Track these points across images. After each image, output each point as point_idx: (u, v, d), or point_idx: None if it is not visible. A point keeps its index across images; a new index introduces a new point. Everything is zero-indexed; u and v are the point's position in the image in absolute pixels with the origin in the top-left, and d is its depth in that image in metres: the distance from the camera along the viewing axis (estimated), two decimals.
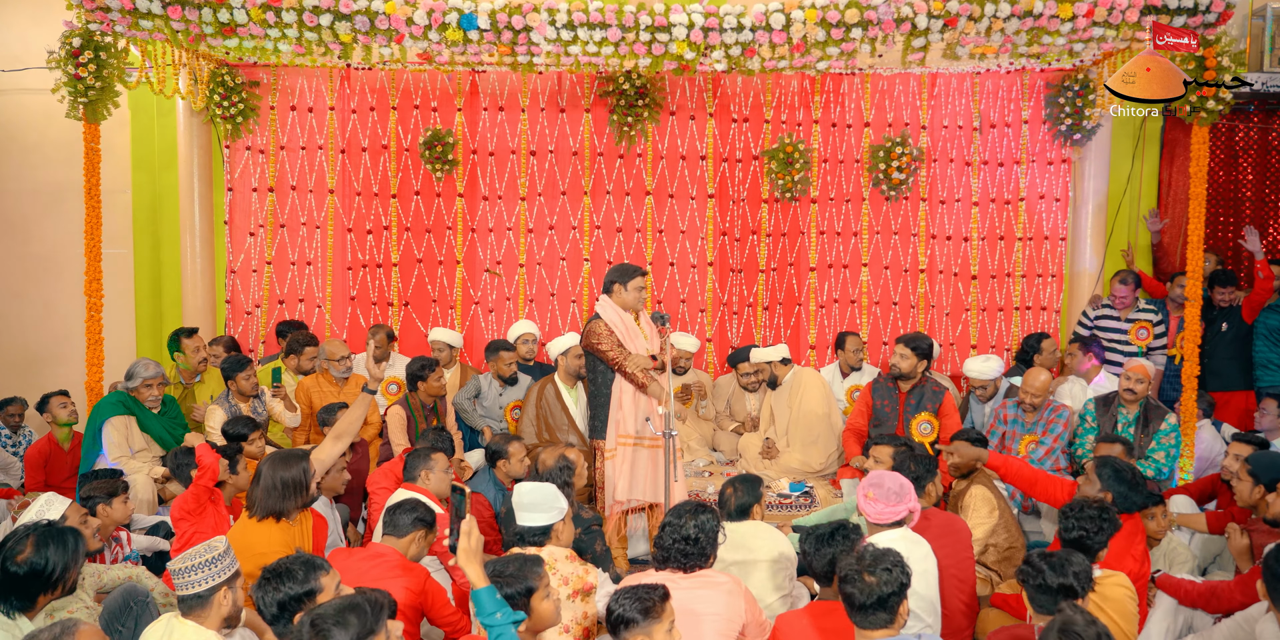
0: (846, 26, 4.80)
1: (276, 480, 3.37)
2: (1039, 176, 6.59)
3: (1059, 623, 2.44)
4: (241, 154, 6.47)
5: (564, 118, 6.57)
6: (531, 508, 3.19)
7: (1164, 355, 6.07)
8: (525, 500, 3.21)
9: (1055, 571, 2.85)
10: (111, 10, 4.75)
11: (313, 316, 6.61)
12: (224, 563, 2.73)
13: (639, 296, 4.73)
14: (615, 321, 4.71)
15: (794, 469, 5.51)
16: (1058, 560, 2.88)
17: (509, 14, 4.80)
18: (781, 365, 5.74)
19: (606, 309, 4.75)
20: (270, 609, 2.61)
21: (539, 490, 3.24)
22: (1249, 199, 6.65)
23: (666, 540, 3.08)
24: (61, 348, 6.68)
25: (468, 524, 2.71)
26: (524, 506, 3.20)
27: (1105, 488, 3.71)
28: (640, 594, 2.58)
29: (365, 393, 3.86)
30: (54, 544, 2.88)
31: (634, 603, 2.56)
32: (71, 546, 2.93)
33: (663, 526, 3.12)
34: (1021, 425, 5.15)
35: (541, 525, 3.20)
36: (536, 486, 3.26)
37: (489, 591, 2.57)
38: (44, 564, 2.85)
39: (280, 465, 3.40)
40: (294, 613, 2.58)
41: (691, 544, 3.06)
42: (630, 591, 2.60)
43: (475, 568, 2.61)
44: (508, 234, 6.71)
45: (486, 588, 2.57)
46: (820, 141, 6.64)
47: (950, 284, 6.74)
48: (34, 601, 2.86)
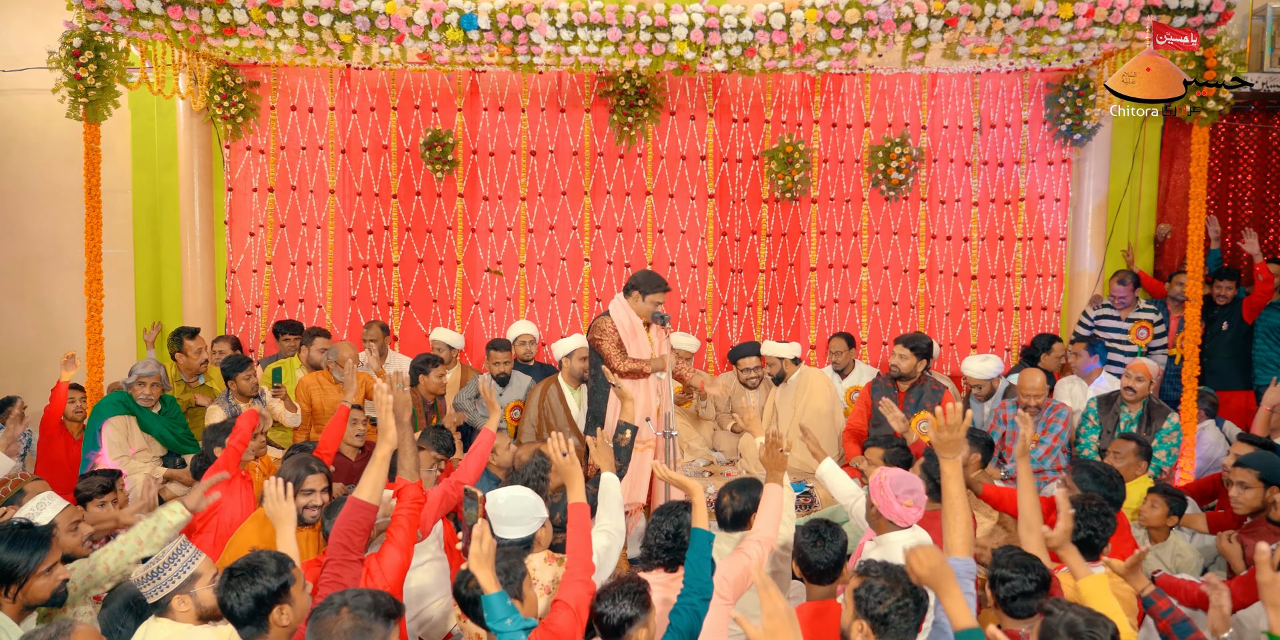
0: (846, 26, 4.80)
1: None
2: (1039, 176, 6.60)
3: (1064, 624, 2.34)
4: (242, 154, 6.47)
5: (564, 118, 6.57)
6: (511, 521, 2.99)
7: (1164, 355, 6.07)
8: (503, 512, 2.99)
9: (1032, 571, 2.77)
10: (112, 10, 4.75)
11: (313, 317, 6.61)
12: (170, 572, 2.67)
13: (653, 310, 4.76)
14: (622, 321, 4.74)
15: (794, 469, 5.51)
16: (1024, 560, 2.80)
17: (509, 14, 4.81)
18: (791, 364, 5.75)
19: (618, 308, 4.80)
20: (246, 605, 2.40)
21: (518, 502, 3.02)
22: (1249, 199, 6.66)
23: (650, 539, 3.07)
24: (61, 348, 6.64)
25: (480, 528, 2.64)
26: (502, 520, 2.98)
27: (1086, 491, 3.68)
28: (626, 590, 2.56)
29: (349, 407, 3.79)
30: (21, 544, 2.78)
31: (628, 599, 2.54)
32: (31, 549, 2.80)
33: (648, 526, 3.09)
34: None
35: (523, 538, 3.01)
36: (513, 496, 3.04)
37: (500, 597, 2.52)
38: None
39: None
40: (269, 609, 2.43)
41: (674, 540, 3.04)
42: (616, 592, 2.56)
43: (488, 573, 2.56)
44: (508, 234, 6.71)
45: (498, 593, 2.52)
46: (820, 141, 6.64)
47: (950, 284, 6.74)
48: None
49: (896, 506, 3.11)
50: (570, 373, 5.48)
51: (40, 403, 6.79)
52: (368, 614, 2.21)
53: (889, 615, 2.36)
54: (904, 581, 2.42)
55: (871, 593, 2.39)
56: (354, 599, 2.24)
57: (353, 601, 2.23)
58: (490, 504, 3.02)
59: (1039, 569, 2.78)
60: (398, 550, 2.94)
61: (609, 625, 2.54)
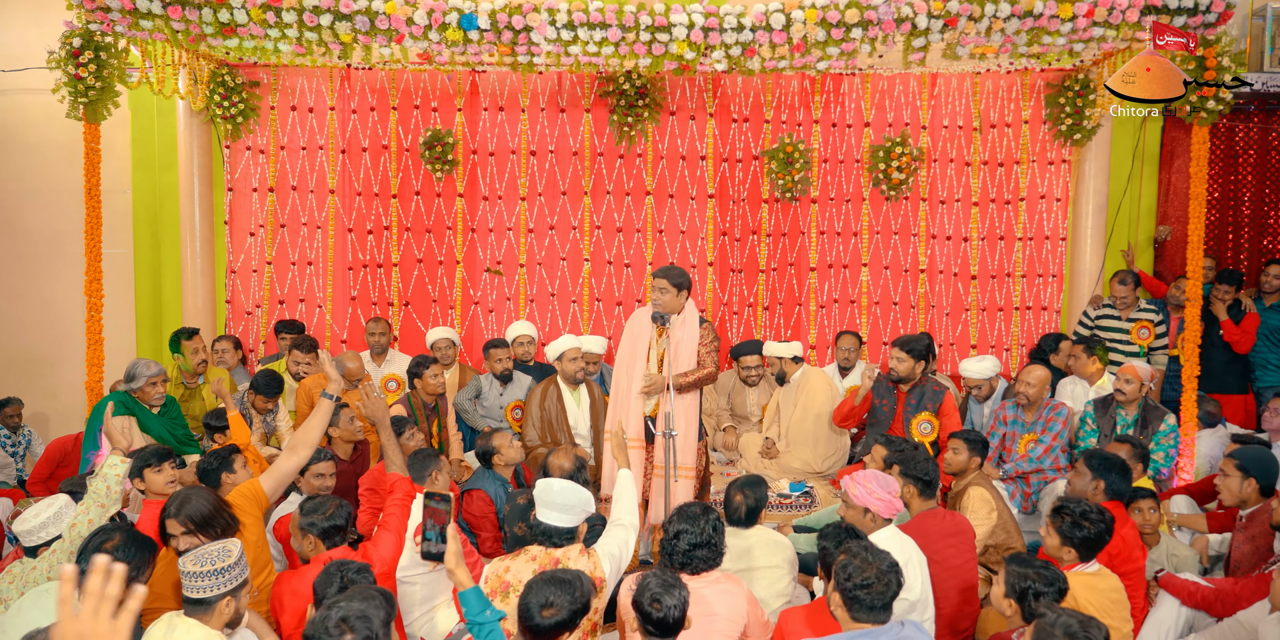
0: (846, 26, 4.80)
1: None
2: (1039, 177, 6.60)
3: (1058, 626, 2.43)
4: (242, 154, 6.47)
5: (564, 118, 6.57)
6: (564, 509, 3.05)
7: (1165, 355, 6.07)
8: (558, 500, 3.04)
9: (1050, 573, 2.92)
10: (111, 10, 4.75)
11: (313, 316, 6.61)
12: (234, 572, 2.72)
13: (657, 297, 4.52)
14: (633, 324, 4.66)
15: (795, 469, 5.51)
16: (1051, 576, 2.92)
17: (509, 14, 4.81)
18: (792, 363, 5.75)
19: (644, 309, 4.69)
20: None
21: (574, 492, 3.07)
22: (1249, 199, 6.66)
23: (683, 545, 3.06)
24: (61, 348, 6.68)
25: (452, 528, 2.73)
26: (555, 506, 3.04)
27: (1096, 476, 3.85)
28: (669, 583, 2.64)
29: (325, 398, 3.62)
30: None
31: (674, 596, 2.61)
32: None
33: (675, 533, 3.08)
34: (1021, 425, 5.15)
35: (569, 527, 3.07)
36: (571, 487, 3.08)
37: (475, 591, 2.62)
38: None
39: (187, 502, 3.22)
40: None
41: (709, 549, 3.07)
42: (660, 589, 2.62)
43: (463, 569, 2.65)
44: (508, 234, 6.71)
45: (473, 588, 2.62)
46: (820, 141, 6.64)
47: (950, 284, 6.74)
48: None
49: (870, 499, 3.42)
50: (564, 374, 5.48)
51: (40, 403, 6.82)
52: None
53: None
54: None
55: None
56: (358, 621, 2.28)
57: (357, 625, 2.27)
58: (543, 490, 3.08)
59: (1063, 582, 2.96)
60: (394, 536, 3.32)
61: (666, 621, 2.60)
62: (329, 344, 6.62)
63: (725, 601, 3.04)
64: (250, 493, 3.47)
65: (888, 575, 2.63)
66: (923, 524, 3.67)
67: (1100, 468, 3.86)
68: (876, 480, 3.46)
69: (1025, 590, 2.89)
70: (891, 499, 3.42)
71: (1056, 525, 3.30)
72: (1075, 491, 3.89)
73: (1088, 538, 3.24)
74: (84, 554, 2.95)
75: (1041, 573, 2.91)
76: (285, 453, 3.62)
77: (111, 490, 3.38)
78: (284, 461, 3.58)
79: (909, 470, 3.81)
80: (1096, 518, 3.24)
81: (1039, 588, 2.87)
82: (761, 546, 3.61)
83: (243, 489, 3.49)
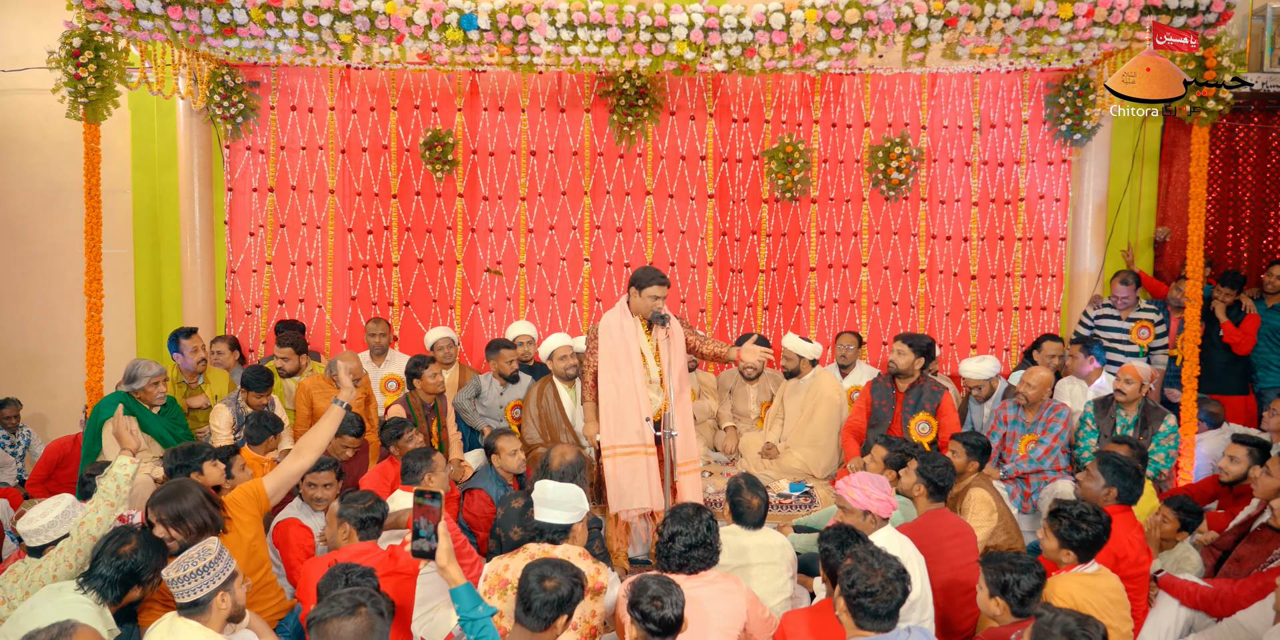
0: (846, 26, 4.80)
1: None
2: (1039, 176, 6.60)
3: (1056, 625, 2.43)
4: (241, 154, 6.47)
5: (564, 118, 6.57)
6: (555, 505, 3.19)
7: (1165, 355, 6.07)
8: (550, 497, 3.20)
9: (1029, 571, 2.96)
10: (111, 10, 4.75)
11: (313, 316, 6.61)
12: (218, 567, 2.73)
13: (652, 305, 4.41)
14: (611, 328, 4.47)
15: (795, 470, 5.51)
16: (1024, 562, 2.97)
17: (509, 14, 4.80)
18: (808, 364, 5.73)
19: (613, 313, 4.52)
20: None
21: (565, 490, 3.23)
22: (1249, 199, 6.66)
23: (678, 546, 3.07)
24: (61, 348, 6.68)
25: (443, 525, 2.74)
26: (547, 503, 3.19)
27: (1110, 483, 3.81)
28: (666, 583, 2.67)
29: (335, 404, 3.76)
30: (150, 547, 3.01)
31: (674, 594, 2.64)
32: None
33: (671, 535, 3.10)
34: (1021, 425, 5.15)
35: (563, 524, 3.20)
36: (563, 486, 3.25)
37: (467, 587, 2.64)
38: (133, 564, 2.98)
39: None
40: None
41: (705, 549, 3.10)
42: (658, 592, 2.64)
43: (454, 566, 2.67)
44: (508, 234, 6.71)
45: (465, 585, 2.64)
46: (820, 141, 6.64)
47: (950, 284, 6.74)
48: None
49: (864, 500, 3.41)
50: (555, 373, 5.49)
51: (40, 403, 6.82)
52: (381, 619, 2.38)
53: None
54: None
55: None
56: (369, 599, 2.38)
57: (368, 602, 2.37)
58: (538, 491, 3.24)
59: (1039, 566, 2.99)
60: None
61: (668, 620, 2.63)
62: (329, 344, 6.63)
63: (722, 600, 3.04)
64: (251, 492, 3.50)
65: (893, 583, 2.59)
66: (929, 523, 3.68)
67: (1115, 475, 3.80)
68: (871, 482, 3.46)
69: (1005, 583, 2.94)
70: (888, 498, 3.43)
71: (1054, 528, 3.29)
72: (1086, 495, 3.86)
73: (1086, 540, 3.24)
74: (99, 557, 2.99)
75: (1014, 562, 2.97)
76: (291, 455, 3.65)
77: (121, 489, 3.39)
78: (289, 463, 3.60)
79: (925, 471, 3.80)
80: (1094, 519, 3.24)
81: (1016, 577, 2.92)
82: (758, 544, 3.61)
83: (245, 488, 3.52)
